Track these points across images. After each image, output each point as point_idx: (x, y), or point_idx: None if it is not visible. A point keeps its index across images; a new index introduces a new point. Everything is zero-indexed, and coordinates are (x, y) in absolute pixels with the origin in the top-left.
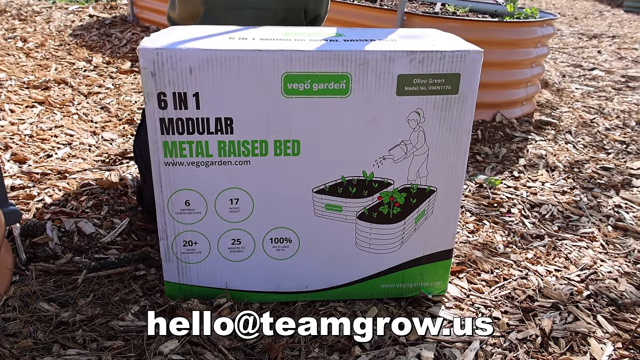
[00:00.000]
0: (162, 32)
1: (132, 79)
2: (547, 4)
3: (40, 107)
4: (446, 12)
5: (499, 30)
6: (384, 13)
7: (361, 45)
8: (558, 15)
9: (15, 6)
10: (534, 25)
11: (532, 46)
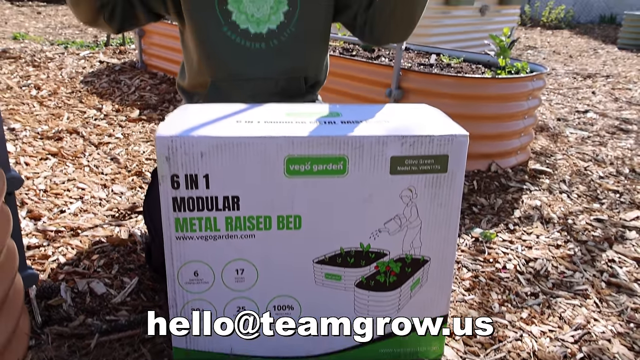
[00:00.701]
0: (176, 113)
1: (140, 128)
2: (542, 42)
3: (53, 160)
4: (441, 63)
5: (490, 85)
6: (381, 68)
7: (357, 128)
8: (548, 68)
9: (29, 52)
10: (524, 80)
11: (524, 99)
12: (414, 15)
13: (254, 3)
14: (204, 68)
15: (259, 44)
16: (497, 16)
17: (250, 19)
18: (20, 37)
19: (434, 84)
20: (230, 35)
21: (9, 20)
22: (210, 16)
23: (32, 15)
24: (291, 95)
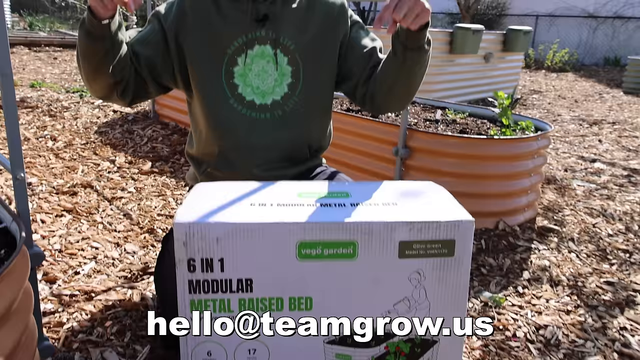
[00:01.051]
0: (192, 195)
1: (152, 181)
2: (547, 86)
3: (68, 216)
4: (446, 119)
5: (495, 146)
6: (388, 127)
7: (366, 212)
8: (552, 126)
9: (46, 101)
10: (529, 140)
11: (529, 159)
12: (412, 88)
13: (259, 77)
14: (211, 138)
15: (264, 115)
16: (501, 62)
17: (256, 91)
18: (37, 85)
19: (440, 144)
20: (236, 107)
21: (27, 66)
22: (217, 89)
23: (48, 60)
24: (296, 162)
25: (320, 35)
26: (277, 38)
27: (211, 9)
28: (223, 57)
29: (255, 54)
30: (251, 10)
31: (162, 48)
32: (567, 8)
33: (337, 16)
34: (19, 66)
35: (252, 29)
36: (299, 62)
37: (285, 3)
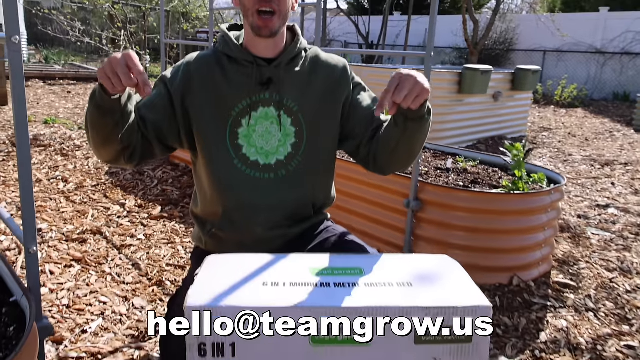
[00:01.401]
0: (204, 272)
1: (161, 227)
2: (557, 122)
3: (77, 267)
4: (457, 167)
5: (508, 201)
6: (399, 178)
7: (381, 295)
8: (565, 180)
9: (58, 140)
10: (542, 195)
11: (543, 213)
12: (414, 152)
13: (263, 137)
14: (215, 198)
15: (268, 174)
16: (510, 101)
17: (260, 152)
18: (50, 121)
19: (452, 197)
20: (240, 167)
21: (41, 100)
22: (222, 150)
23: (62, 94)
24: (300, 220)
25: (322, 97)
26: (281, 100)
27: (216, 73)
28: (228, 118)
29: (259, 116)
30: (256, 75)
31: (169, 112)
32: (574, 44)
33: (339, 78)
34: (33, 100)
35: (256, 91)
36: (302, 123)
37: (288, 67)
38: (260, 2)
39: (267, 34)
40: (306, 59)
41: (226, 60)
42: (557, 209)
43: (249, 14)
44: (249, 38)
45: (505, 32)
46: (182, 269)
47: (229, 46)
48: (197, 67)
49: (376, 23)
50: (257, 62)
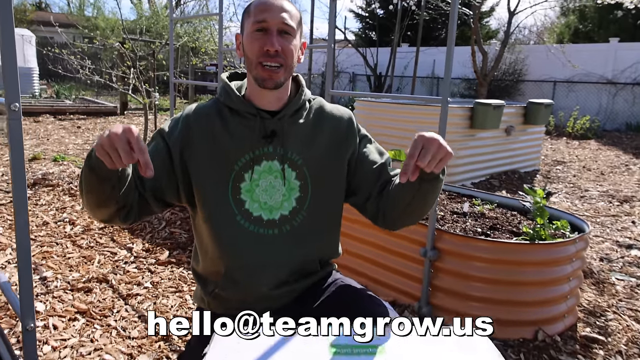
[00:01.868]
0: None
1: (169, 273)
2: (570, 155)
3: (82, 320)
4: (474, 212)
5: (530, 251)
6: (415, 226)
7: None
8: (590, 227)
9: (66, 179)
10: (566, 245)
11: (567, 263)
12: (427, 208)
13: (267, 192)
14: (217, 256)
15: (272, 230)
16: (522, 135)
17: (263, 207)
18: (59, 159)
19: (470, 247)
20: (243, 223)
21: (51, 136)
22: (223, 206)
23: (72, 129)
24: (306, 275)
25: (328, 150)
26: (285, 153)
27: (217, 125)
28: (230, 173)
29: (262, 170)
30: (259, 128)
31: (168, 167)
32: (585, 75)
33: (346, 132)
34: (43, 136)
35: (259, 145)
36: (307, 176)
37: (293, 119)
38: (265, 56)
39: (272, 86)
40: (310, 110)
41: (227, 112)
42: (582, 258)
43: (253, 66)
44: (252, 89)
45: (514, 63)
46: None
47: (230, 97)
48: (197, 119)
49: (384, 54)
50: (260, 115)
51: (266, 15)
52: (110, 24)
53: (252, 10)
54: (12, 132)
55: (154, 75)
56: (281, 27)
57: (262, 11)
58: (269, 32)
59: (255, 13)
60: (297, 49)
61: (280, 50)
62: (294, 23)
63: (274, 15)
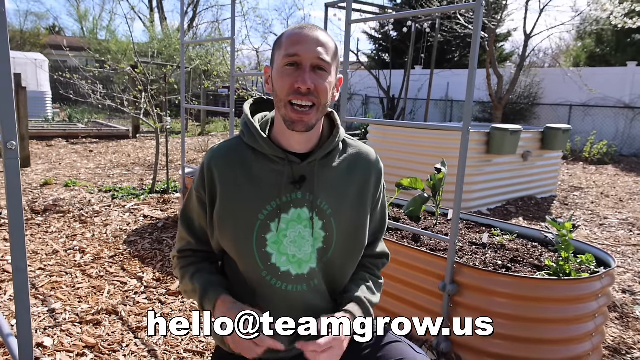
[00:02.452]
0: None
1: (179, 304)
2: (587, 181)
3: (90, 356)
4: (494, 243)
5: (554, 288)
6: (434, 259)
7: None
8: (616, 261)
9: (77, 205)
10: (592, 281)
11: (593, 300)
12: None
13: (295, 243)
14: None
15: (301, 286)
16: (539, 160)
17: (292, 260)
18: (71, 184)
19: (491, 282)
20: (269, 280)
21: (64, 160)
22: (248, 261)
23: (84, 154)
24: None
25: (357, 200)
26: (314, 200)
27: (238, 169)
28: (254, 223)
29: (290, 219)
30: (287, 173)
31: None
32: (601, 98)
33: (375, 182)
34: (55, 160)
35: (287, 191)
36: (334, 228)
37: (324, 162)
38: (296, 94)
39: (302, 129)
40: (344, 152)
41: (251, 154)
42: (608, 294)
43: (282, 104)
44: (280, 128)
45: (529, 86)
46: (201, 355)
47: (254, 138)
48: (217, 164)
49: (397, 77)
50: (288, 159)
51: (299, 48)
52: (122, 47)
53: (284, 41)
54: (8, 173)
55: (166, 100)
56: (315, 62)
57: (294, 43)
58: (301, 67)
59: (287, 45)
60: (332, 86)
61: (313, 88)
62: (330, 57)
63: (308, 49)
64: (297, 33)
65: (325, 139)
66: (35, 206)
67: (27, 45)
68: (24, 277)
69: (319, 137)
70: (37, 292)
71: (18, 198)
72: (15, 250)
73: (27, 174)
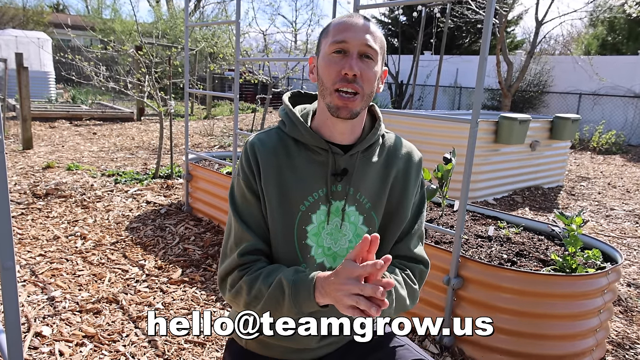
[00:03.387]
0: None
1: (181, 293)
2: (595, 171)
3: (89, 345)
4: (500, 236)
5: (560, 283)
6: (439, 252)
7: None
8: (624, 258)
9: (79, 189)
10: (598, 277)
11: (598, 296)
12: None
13: (332, 236)
14: None
15: None
16: (547, 150)
17: (327, 252)
18: (73, 167)
19: (496, 277)
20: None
21: (67, 142)
22: (289, 253)
23: (88, 136)
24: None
25: (397, 194)
26: (354, 194)
27: (282, 159)
28: (295, 214)
29: (331, 211)
30: (331, 163)
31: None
32: (611, 87)
33: (415, 176)
34: (58, 142)
35: (329, 183)
36: (376, 222)
37: (365, 156)
38: (342, 81)
39: (347, 115)
40: (384, 147)
41: (293, 145)
42: (614, 290)
43: (327, 92)
44: (323, 118)
45: (539, 73)
46: (202, 346)
47: (296, 128)
48: (261, 151)
49: (406, 62)
50: (332, 149)
51: (347, 35)
52: (127, 28)
53: (332, 29)
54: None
55: (170, 83)
56: (363, 49)
57: (342, 30)
58: (348, 54)
59: (335, 33)
60: (378, 76)
61: (359, 75)
62: (377, 46)
63: (355, 36)
64: (345, 21)
65: (367, 132)
66: (37, 190)
67: (30, 24)
68: (12, 275)
69: (362, 130)
70: (37, 280)
71: (4, 191)
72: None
73: (29, 156)
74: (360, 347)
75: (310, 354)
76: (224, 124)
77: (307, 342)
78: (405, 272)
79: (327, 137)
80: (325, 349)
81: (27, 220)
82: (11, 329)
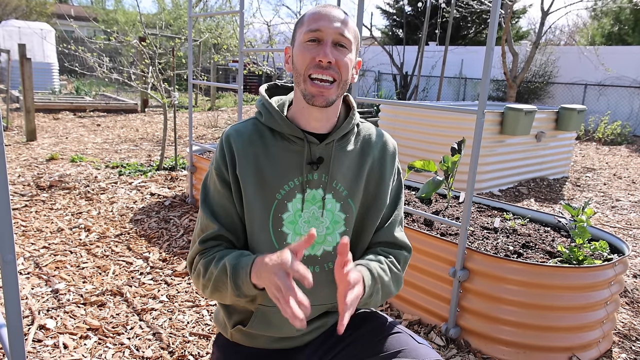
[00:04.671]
0: None
1: (185, 285)
2: (600, 162)
3: (94, 338)
4: (506, 227)
5: (567, 275)
6: (445, 244)
7: None
8: (630, 249)
9: (83, 181)
10: (605, 269)
11: (605, 288)
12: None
13: (309, 223)
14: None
15: (313, 268)
16: (553, 141)
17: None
18: (77, 159)
19: (502, 269)
20: None
21: (70, 134)
22: (264, 241)
23: (91, 127)
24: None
25: (373, 182)
26: (330, 182)
27: (258, 149)
28: (271, 203)
29: (307, 199)
30: (306, 152)
31: (236, 202)
32: (617, 78)
33: (389, 164)
34: (62, 134)
35: (305, 172)
36: (353, 209)
37: (340, 144)
38: (317, 68)
39: (322, 103)
40: (359, 135)
41: (269, 134)
42: (620, 282)
43: (301, 79)
44: (299, 107)
45: (544, 64)
46: (207, 339)
47: (272, 118)
48: (237, 141)
49: (411, 53)
50: (307, 139)
51: (321, 24)
52: (131, 18)
53: (306, 19)
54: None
55: (174, 74)
56: (337, 38)
57: (316, 20)
58: (322, 42)
59: (309, 22)
60: (353, 64)
61: (333, 62)
62: (351, 36)
63: (330, 25)
64: (319, 11)
65: (342, 121)
66: (41, 182)
67: (33, 15)
68: (12, 267)
69: (337, 119)
70: (41, 272)
71: (4, 183)
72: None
73: (32, 148)
74: (351, 323)
75: (294, 342)
76: (228, 116)
77: (289, 329)
78: (389, 258)
79: (303, 126)
80: (308, 336)
81: (30, 212)
82: (13, 322)
